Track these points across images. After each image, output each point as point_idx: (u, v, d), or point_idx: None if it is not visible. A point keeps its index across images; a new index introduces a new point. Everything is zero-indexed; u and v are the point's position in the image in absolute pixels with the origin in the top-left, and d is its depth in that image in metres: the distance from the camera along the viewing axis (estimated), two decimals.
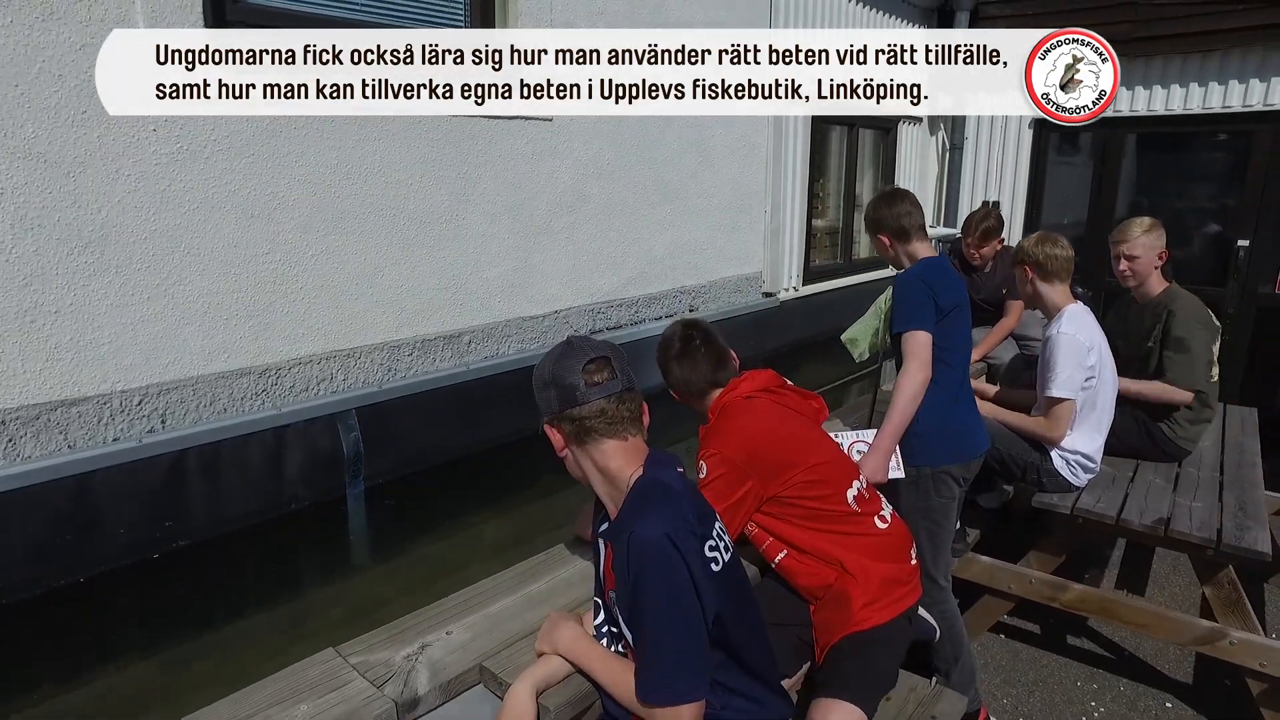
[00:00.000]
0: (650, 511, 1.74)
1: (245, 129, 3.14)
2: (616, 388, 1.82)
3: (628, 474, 1.83)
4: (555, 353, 1.89)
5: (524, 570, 2.65)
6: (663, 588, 1.67)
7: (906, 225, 3.09)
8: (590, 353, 1.82)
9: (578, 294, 4.79)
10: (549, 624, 2.00)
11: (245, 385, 3.35)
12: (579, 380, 1.81)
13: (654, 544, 1.69)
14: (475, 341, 4.23)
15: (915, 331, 2.85)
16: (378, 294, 3.77)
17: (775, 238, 6.52)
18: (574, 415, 1.83)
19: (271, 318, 3.41)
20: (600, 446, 1.85)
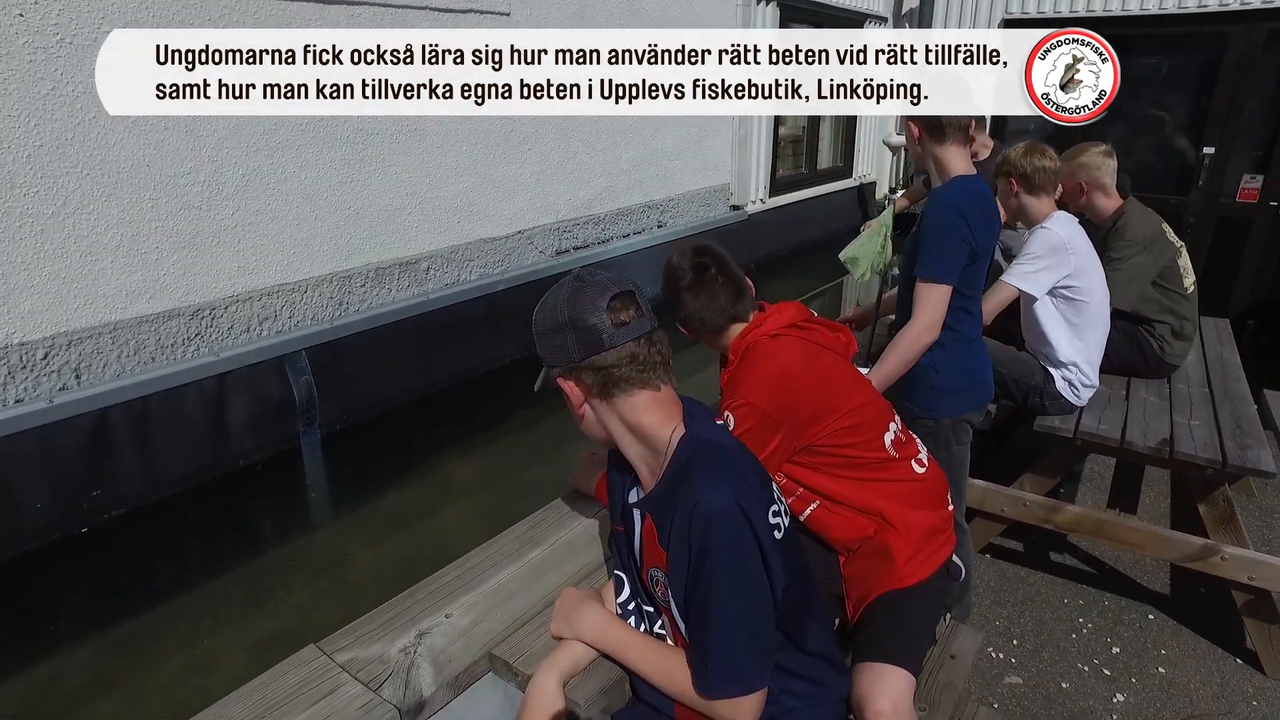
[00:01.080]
0: (713, 477, 1.43)
1: (144, 18, 2.59)
2: (646, 327, 1.46)
3: (666, 432, 1.50)
4: (565, 290, 1.51)
5: (521, 534, 2.33)
6: (735, 565, 1.39)
7: (943, 121, 2.61)
8: (612, 287, 1.45)
9: (542, 212, 4.36)
10: (565, 604, 1.70)
11: (175, 329, 2.90)
12: (603, 320, 1.44)
13: (726, 514, 1.38)
14: (434, 268, 3.80)
15: (938, 284, 2.52)
16: (322, 218, 3.29)
17: (742, 147, 6.13)
18: (599, 364, 1.46)
19: (199, 250, 2.93)
20: (630, 399, 1.49)
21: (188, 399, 2.91)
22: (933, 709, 1.91)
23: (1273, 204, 6.73)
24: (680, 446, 1.42)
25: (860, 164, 8.25)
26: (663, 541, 1.41)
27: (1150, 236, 3.71)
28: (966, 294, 2.58)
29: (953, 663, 2.13)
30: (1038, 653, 2.97)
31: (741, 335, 2.26)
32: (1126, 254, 3.66)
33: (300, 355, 3.21)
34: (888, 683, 1.93)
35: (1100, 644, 3.03)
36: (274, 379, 3.15)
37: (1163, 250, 3.72)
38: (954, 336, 2.59)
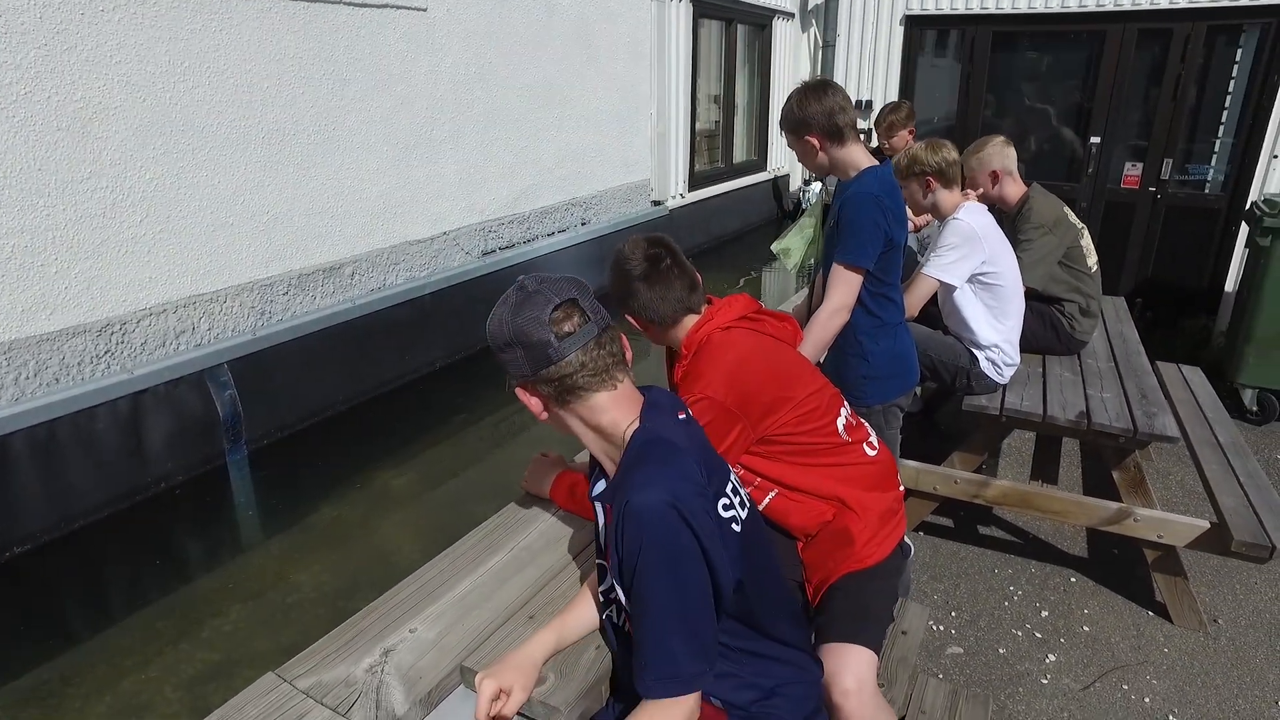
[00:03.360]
0: (649, 474, 1.42)
1: (28, 7, 2.39)
2: (593, 331, 1.43)
3: (623, 427, 1.50)
4: (509, 303, 1.48)
5: (478, 542, 2.26)
6: (666, 565, 1.37)
7: (841, 124, 2.65)
8: (552, 297, 1.43)
9: (467, 211, 4.27)
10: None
11: (81, 346, 2.69)
12: (548, 335, 1.42)
13: (653, 513, 1.37)
14: (359, 273, 3.66)
15: (855, 268, 2.59)
16: (238, 224, 3.12)
17: (662, 142, 6.15)
18: (551, 375, 1.45)
19: (105, 261, 2.73)
20: (588, 403, 1.49)
21: (99, 421, 2.71)
22: (890, 684, 1.97)
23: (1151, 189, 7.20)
24: (631, 441, 1.42)
25: (774, 157, 8.41)
26: (609, 538, 1.40)
27: (1054, 218, 3.90)
28: (885, 280, 2.65)
29: (904, 638, 2.20)
30: (975, 622, 3.09)
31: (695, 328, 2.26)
32: (1034, 236, 3.83)
33: (222, 369, 3.04)
34: (852, 661, 1.96)
35: (1030, 609, 3.18)
36: (194, 395, 2.97)
37: (1066, 231, 3.92)
38: (878, 324, 2.66)
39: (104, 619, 2.68)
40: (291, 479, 3.35)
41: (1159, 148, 7.18)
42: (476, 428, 3.95)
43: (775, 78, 8.03)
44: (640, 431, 1.43)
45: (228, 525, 3.11)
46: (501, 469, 3.67)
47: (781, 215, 8.73)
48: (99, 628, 2.66)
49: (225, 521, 3.13)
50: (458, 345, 4.23)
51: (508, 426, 3.94)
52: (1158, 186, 7.15)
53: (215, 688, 2.47)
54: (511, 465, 3.75)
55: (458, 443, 3.87)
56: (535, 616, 1.63)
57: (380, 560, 3.05)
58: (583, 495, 1.94)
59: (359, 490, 3.46)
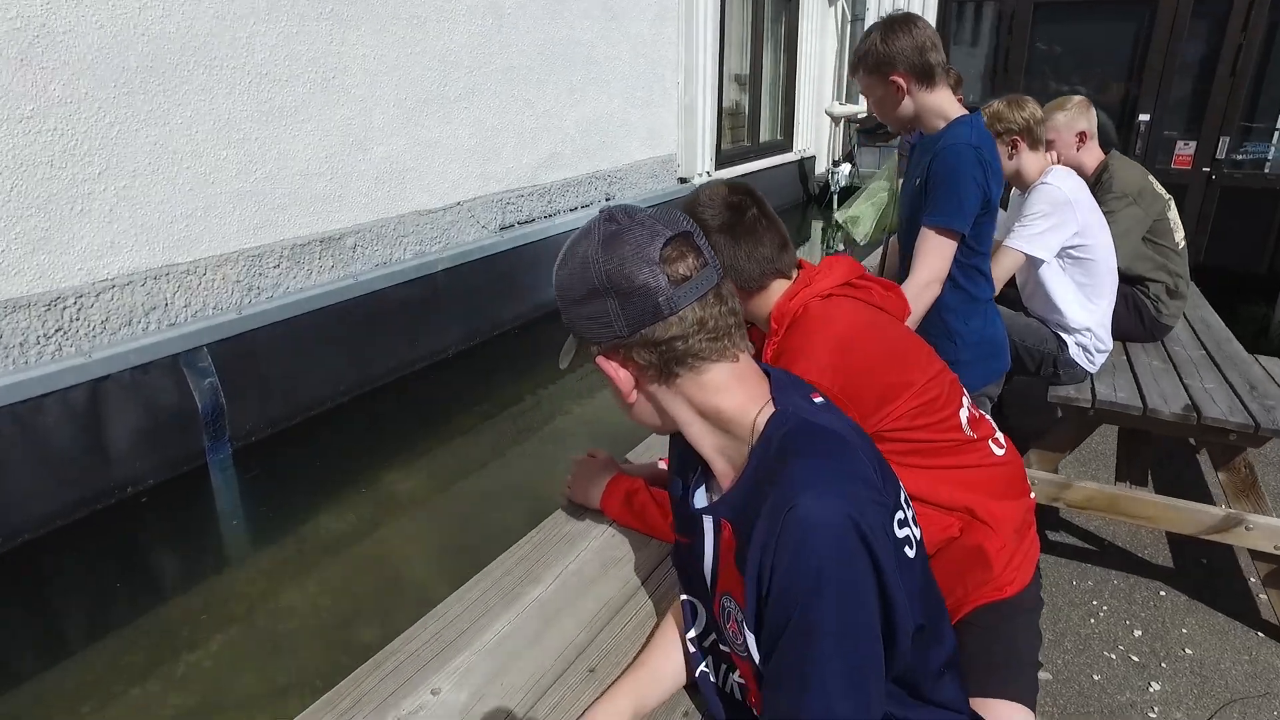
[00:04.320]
0: (817, 473, 0.97)
1: None
2: (712, 279, 1.02)
3: (751, 413, 1.03)
4: (596, 236, 1.04)
5: (513, 567, 1.76)
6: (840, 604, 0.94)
7: (933, 62, 2.28)
8: (663, 228, 1.01)
9: (483, 180, 3.79)
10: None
11: (23, 323, 2.22)
12: (658, 278, 1.00)
13: (832, 530, 0.93)
14: (361, 245, 3.19)
15: (949, 233, 2.18)
16: (222, 181, 2.65)
17: (689, 114, 5.68)
18: (657, 337, 1.01)
19: (53, 219, 2.25)
20: (701, 378, 1.05)
21: (48, 414, 2.24)
22: None
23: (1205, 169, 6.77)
24: (769, 430, 1.02)
25: (800, 137, 7.94)
26: (739, 561, 0.98)
27: (1139, 188, 3.49)
28: (977, 250, 2.28)
29: None
30: (1060, 642, 2.72)
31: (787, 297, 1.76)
32: (1116, 207, 3.43)
33: (201, 353, 2.57)
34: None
35: (1120, 628, 2.80)
36: (168, 383, 2.50)
37: (1152, 203, 3.51)
38: (968, 301, 2.29)
39: (56, 652, 2.21)
40: (283, 482, 2.88)
41: (1214, 125, 6.74)
42: (495, 423, 3.48)
43: (802, 53, 7.55)
44: (779, 418, 1.02)
45: (207, 537, 2.63)
46: (526, 472, 3.20)
47: (807, 199, 8.26)
48: (50, 663, 2.19)
49: (205, 533, 2.65)
50: (473, 330, 3.76)
51: (532, 421, 3.47)
52: (1212, 166, 6.72)
53: None
54: (538, 467, 3.29)
55: (474, 441, 3.40)
56: (597, 670, 1.22)
57: (387, 581, 2.58)
58: (643, 506, 1.56)
59: (361, 496, 2.99)
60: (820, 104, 8.05)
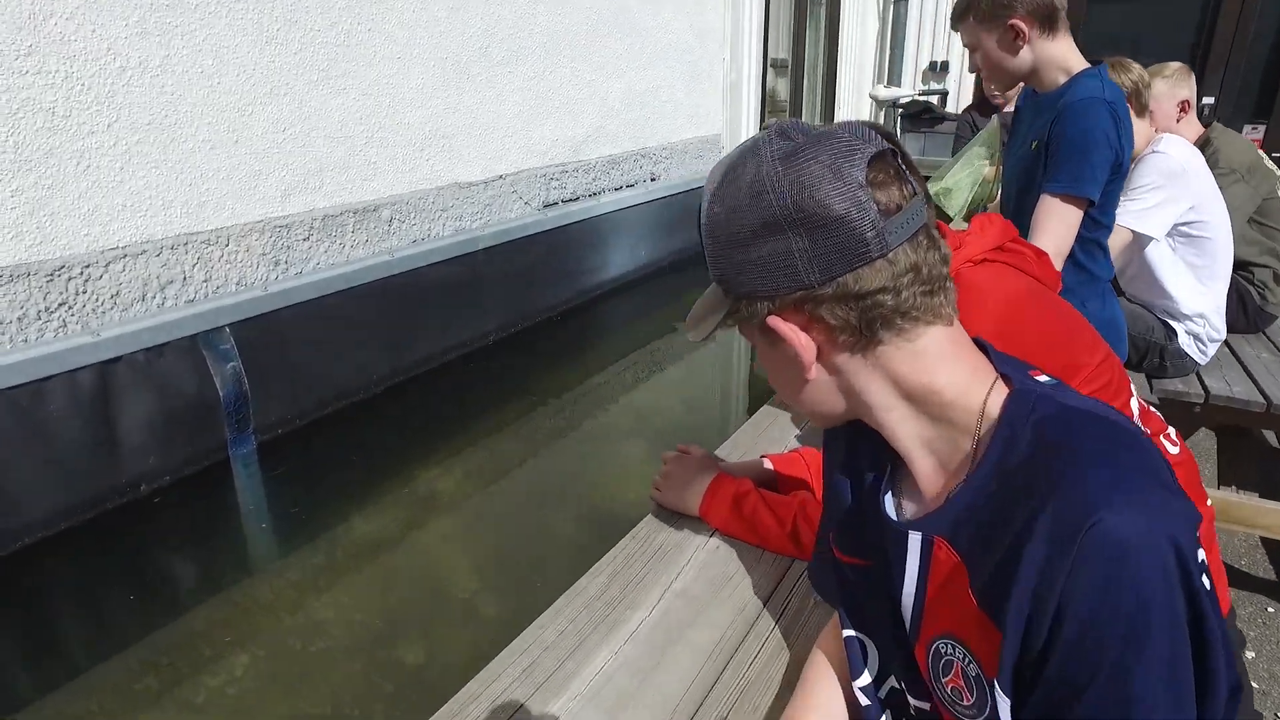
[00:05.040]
0: (1118, 478, 0.70)
1: None
2: (922, 213, 0.77)
3: (979, 394, 0.76)
4: (771, 153, 0.72)
5: (602, 590, 1.45)
6: (1170, 649, 0.68)
7: (1059, 5, 2.03)
8: (861, 143, 0.73)
9: (526, 153, 3.48)
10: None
11: (21, 296, 1.93)
12: (866, 204, 0.72)
13: (1154, 557, 0.66)
14: (398, 218, 2.89)
15: (1076, 200, 1.91)
16: (246, 140, 2.35)
17: (734, 93, 5.36)
18: (860, 287, 0.75)
19: (56, 176, 1.96)
20: (913, 345, 0.79)
21: (50, 400, 1.95)
22: None
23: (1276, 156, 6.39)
24: (1011, 415, 0.75)
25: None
26: (980, 589, 0.74)
27: (1248, 164, 3.15)
28: (1101, 222, 2.01)
29: None
30: None
31: None
32: (1223, 184, 3.09)
33: (223, 333, 2.27)
34: None
35: None
36: (186, 367, 2.21)
37: (1262, 180, 3.16)
38: (1088, 281, 2.05)
39: (59, 675, 1.92)
40: (311, 480, 2.58)
41: None
42: (537, 417, 3.17)
43: (844, 36, 7.21)
44: (1020, 399, 0.76)
45: (229, 542, 2.34)
46: (572, 470, 2.89)
47: None
48: (51, 687, 1.90)
49: (226, 537, 2.36)
50: (515, 314, 3.46)
51: (577, 415, 3.16)
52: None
53: None
54: (585, 465, 2.99)
55: (515, 436, 3.10)
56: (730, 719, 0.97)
57: (428, 592, 2.28)
58: (754, 512, 1.29)
59: (396, 495, 2.69)
60: (860, 88, 7.70)
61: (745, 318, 0.78)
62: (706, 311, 0.82)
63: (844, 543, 0.92)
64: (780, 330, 0.75)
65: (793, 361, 0.78)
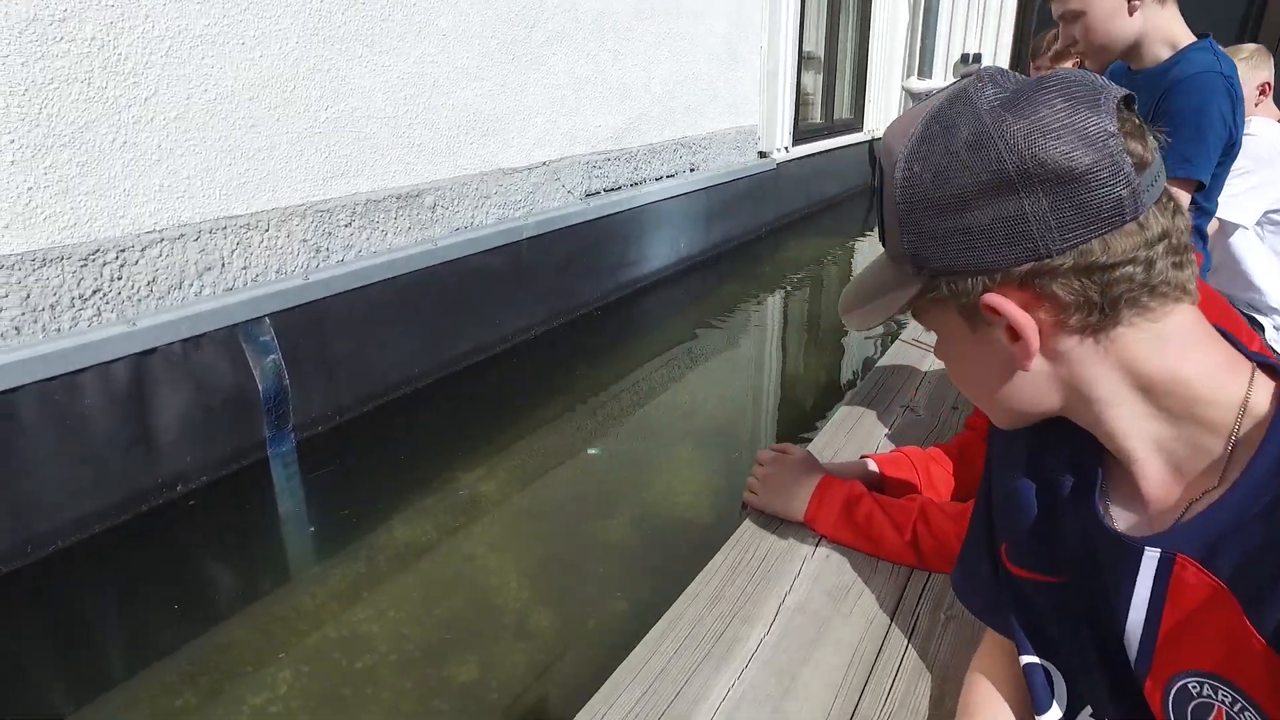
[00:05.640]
0: None
1: None
2: (1163, 173, 0.63)
3: (1236, 389, 0.63)
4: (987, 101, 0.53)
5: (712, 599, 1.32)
6: None
7: None
8: (1102, 86, 0.60)
9: (570, 139, 3.33)
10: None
11: (55, 281, 1.79)
12: (1118, 156, 0.58)
13: None
14: (441, 205, 2.74)
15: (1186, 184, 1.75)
16: (288, 117, 2.20)
17: (771, 82, 5.20)
18: (1110, 258, 0.60)
19: (92, 152, 1.82)
20: (1159, 327, 0.63)
21: (85, 394, 1.80)
22: None
23: None
24: None
25: (870, 117, 7.43)
26: (1269, 624, 0.58)
27: None
28: (1205, 208, 1.85)
29: None
30: None
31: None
32: None
33: (263, 324, 2.13)
34: None
35: None
36: (224, 360, 2.06)
37: None
38: None
39: (92, 687, 1.78)
40: (352, 481, 2.44)
41: None
42: (582, 414, 3.02)
43: (875, 26, 7.04)
44: None
45: (269, 547, 2.19)
46: (621, 473, 2.74)
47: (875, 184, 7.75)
48: (83, 701, 1.76)
49: (265, 541, 2.22)
50: (558, 308, 3.31)
51: (622, 412, 3.01)
52: None
53: None
54: (634, 468, 2.83)
55: (560, 434, 2.95)
56: None
57: (477, 603, 2.13)
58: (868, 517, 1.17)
59: (439, 498, 2.54)
60: (889, 80, 7.53)
61: (947, 299, 0.64)
62: (879, 293, 0.69)
63: (1024, 556, 0.79)
64: (1004, 310, 0.63)
65: (1001, 351, 0.66)
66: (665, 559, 2.14)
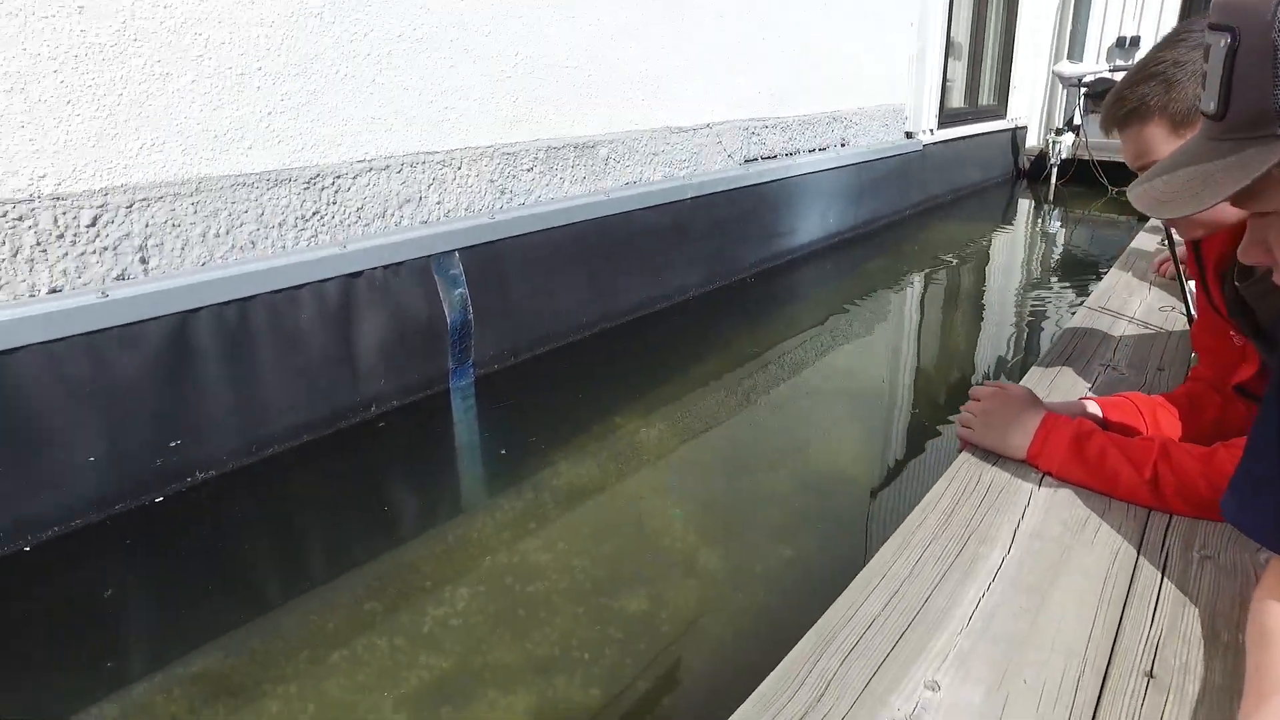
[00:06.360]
0: None
1: None
2: None
3: None
4: None
5: (940, 522, 1.26)
6: None
7: None
8: None
9: (732, 104, 3.31)
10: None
11: (284, 201, 1.90)
12: None
13: None
14: (614, 158, 2.77)
15: None
16: (480, 60, 2.27)
17: (919, 61, 5.03)
18: None
19: (319, 82, 1.92)
20: None
21: (303, 309, 1.91)
22: None
23: None
24: None
25: (1014, 105, 7.09)
26: None
27: None
28: None
29: None
30: None
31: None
32: None
33: (453, 258, 2.20)
34: None
35: None
36: (418, 290, 2.15)
37: None
38: None
39: (301, 582, 1.87)
40: (522, 418, 2.49)
41: None
42: (738, 375, 3.00)
43: (1023, 10, 6.71)
44: None
45: (446, 473, 2.27)
46: (776, 431, 2.70)
47: (1017, 174, 7.38)
48: (294, 594, 1.85)
49: (443, 467, 2.29)
50: (716, 270, 3.30)
51: (775, 377, 2.97)
52: None
53: (451, 715, 1.60)
54: (789, 427, 2.79)
55: (716, 392, 2.93)
56: (1157, 676, 0.81)
57: (642, 542, 2.13)
58: (1101, 454, 1.09)
59: (600, 442, 2.56)
60: (1037, 65, 7.17)
61: None
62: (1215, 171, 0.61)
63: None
64: None
65: None
66: (828, 512, 2.10)
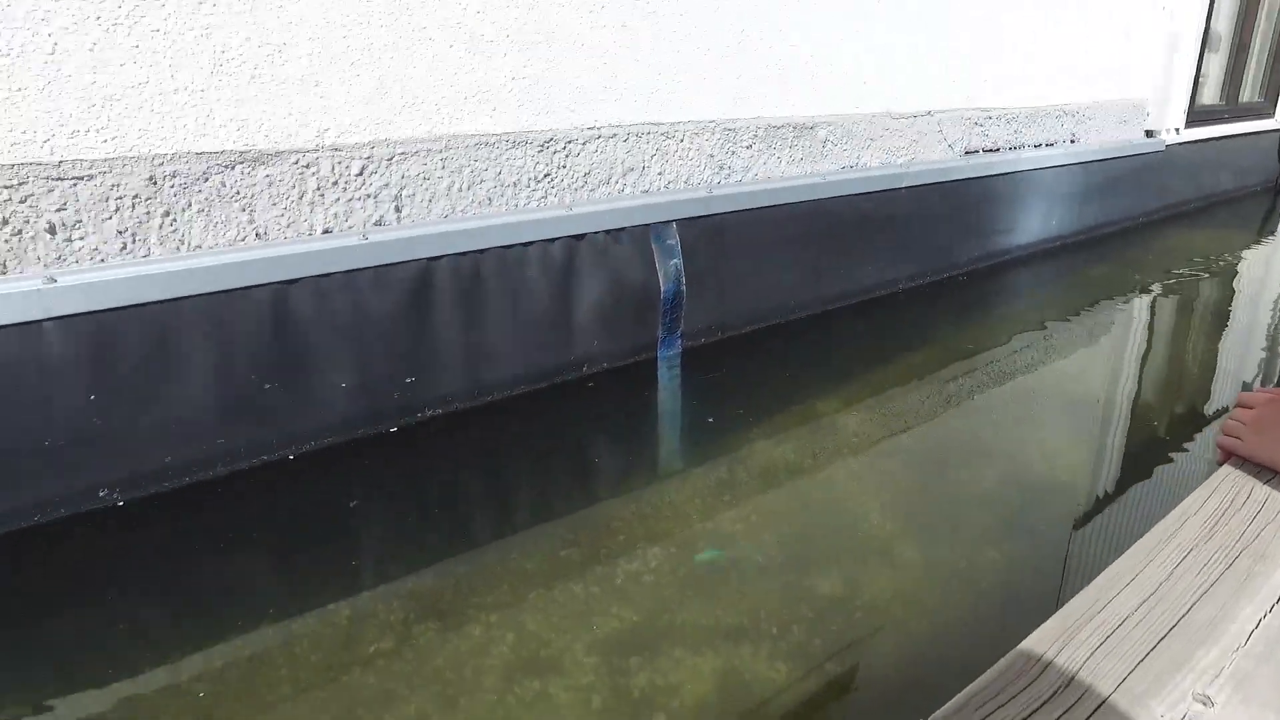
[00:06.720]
0: None
1: None
2: None
3: None
4: None
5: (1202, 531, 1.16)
6: None
7: None
8: None
9: (954, 92, 3.14)
10: None
11: (519, 162, 2.00)
12: None
13: None
14: (832, 141, 2.70)
15: None
16: (702, 34, 2.29)
17: (1171, 49, 4.53)
18: None
19: (559, 50, 2.01)
20: None
21: (529, 266, 2.00)
22: None
23: None
24: None
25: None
26: None
27: None
28: None
29: None
30: None
31: None
32: None
33: (670, 229, 2.23)
34: None
35: None
36: (636, 257, 2.19)
37: None
38: None
39: (504, 524, 1.96)
40: (723, 394, 2.48)
41: None
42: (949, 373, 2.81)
43: None
44: None
45: (648, 438, 2.29)
46: (987, 431, 2.49)
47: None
48: (499, 533, 1.94)
49: (645, 432, 2.31)
50: (929, 265, 3.13)
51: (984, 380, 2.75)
52: None
53: (640, 666, 1.59)
54: (1002, 431, 2.58)
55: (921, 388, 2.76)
56: None
57: (839, 527, 2.02)
58: None
59: (801, 424, 2.49)
60: None
61: None
62: None
63: None
64: None
65: None
66: (1039, 519, 1.92)
